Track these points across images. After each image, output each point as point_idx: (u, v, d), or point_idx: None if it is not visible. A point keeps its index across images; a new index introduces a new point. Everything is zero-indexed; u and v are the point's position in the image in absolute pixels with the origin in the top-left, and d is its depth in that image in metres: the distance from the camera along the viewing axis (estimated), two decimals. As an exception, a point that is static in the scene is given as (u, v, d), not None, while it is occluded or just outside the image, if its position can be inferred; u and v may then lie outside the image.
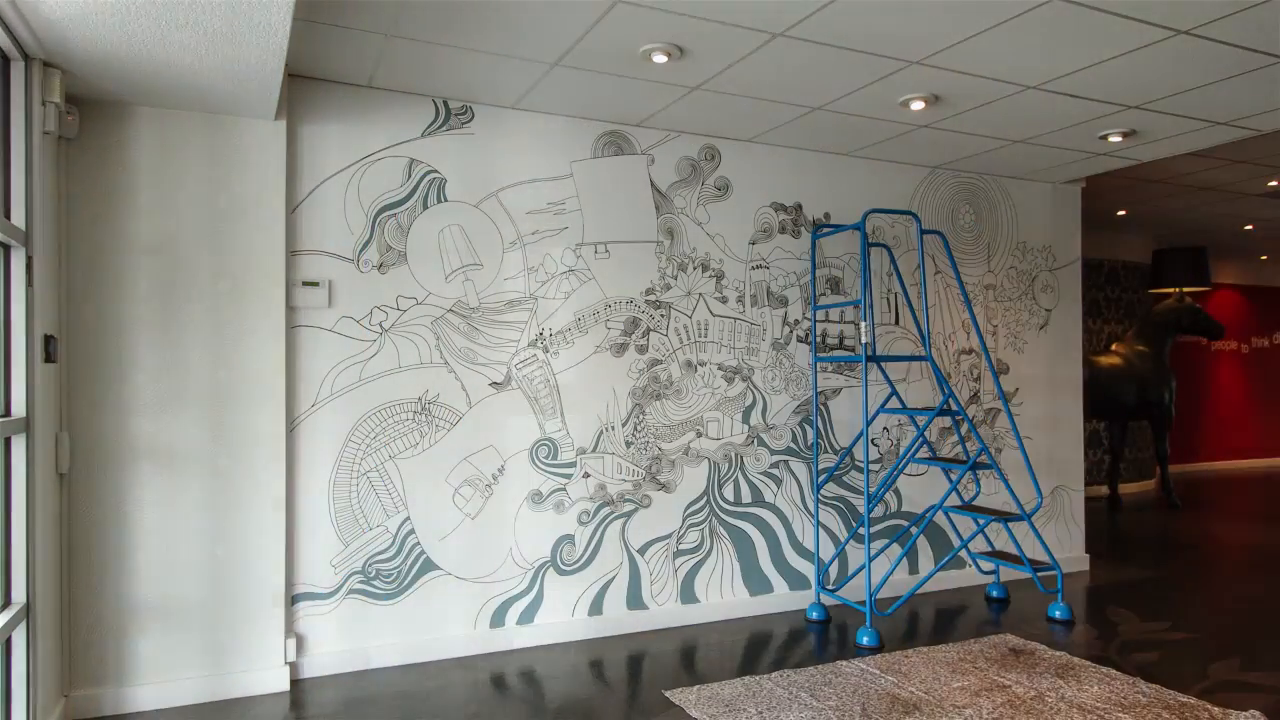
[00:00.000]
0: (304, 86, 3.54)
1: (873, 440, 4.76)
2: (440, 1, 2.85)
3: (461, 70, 3.47)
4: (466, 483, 3.81)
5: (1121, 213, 7.61)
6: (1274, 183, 6.34)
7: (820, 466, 4.59)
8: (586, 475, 4.06)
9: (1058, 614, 4.34)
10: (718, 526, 4.36)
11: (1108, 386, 7.48)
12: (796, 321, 4.58)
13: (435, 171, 3.78)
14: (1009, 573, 5.12)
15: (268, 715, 3.15)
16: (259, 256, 3.39)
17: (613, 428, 4.12)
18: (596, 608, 4.06)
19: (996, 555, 4.62)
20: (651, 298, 4.23)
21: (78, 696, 3.10)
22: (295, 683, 3.44)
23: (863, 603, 4.34)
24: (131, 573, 3.19)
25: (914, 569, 4.85)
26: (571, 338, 4.05)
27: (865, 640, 3.89)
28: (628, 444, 4.15)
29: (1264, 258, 10.34)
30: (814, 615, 4.31)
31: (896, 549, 4.79)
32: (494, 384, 3.87)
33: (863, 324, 4.09)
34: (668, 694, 3.27)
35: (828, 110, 3.97)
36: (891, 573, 4.53)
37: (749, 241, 4.48)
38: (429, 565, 3.73)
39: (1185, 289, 7.82)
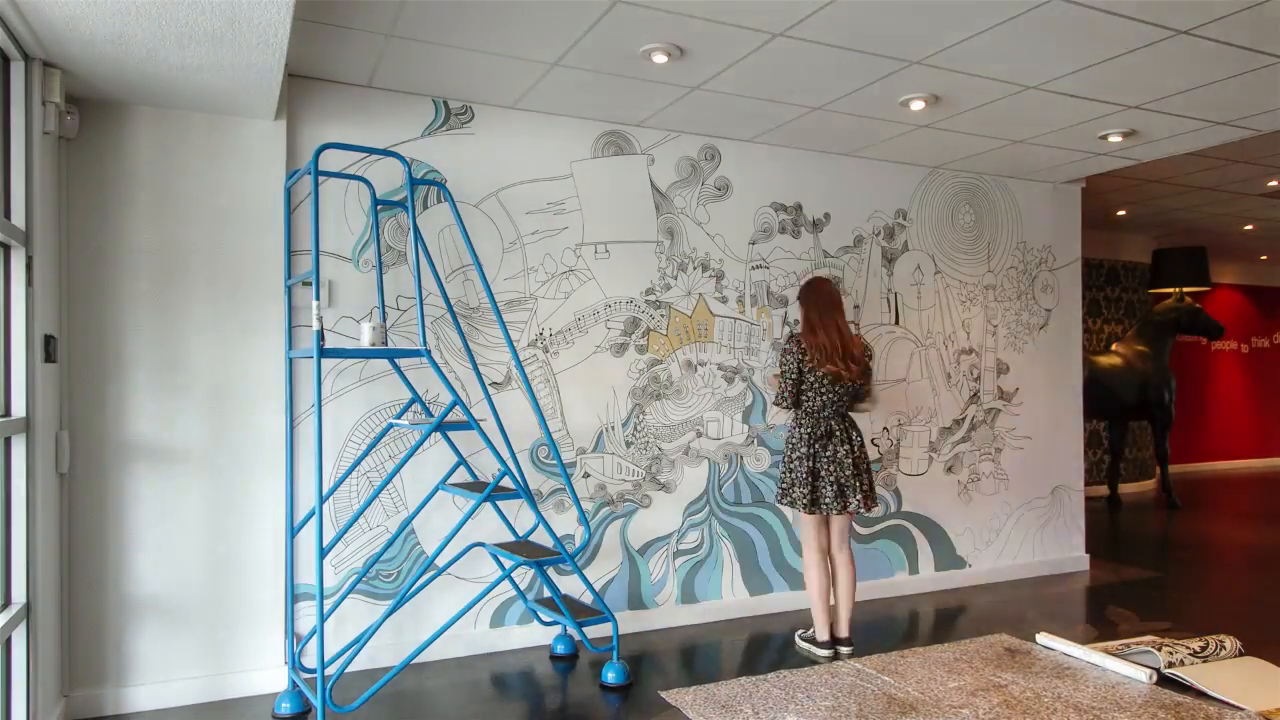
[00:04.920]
0: (304, 86, 3.54)
1: (873, 440, 4.76)
2: (440, 1, 2.85)
3: (461, 70, 3.47)
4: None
5: (1121, 213, 7.61)
6: (1274, 183, 6.33)
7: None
8: (586, 475, 4.06)
9: (610, 676, 3.39)
10: (718, 526, 4.36)
11: (1108, 386, 7.49)
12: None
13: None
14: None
15: (268, 715, 3.15)
16: (259, 256, 3.39)
17: (613, 428, 4.12)
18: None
19: (543, 603, 3.66)
20: (651, 298, 4.22)
21: (78, 696, 3.10)
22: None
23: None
24: (131, 572, 3.19)
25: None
26: (571, 338, 4.05)
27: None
28: (628, 444, 4.15)
29: (1264, 258, 10.34)
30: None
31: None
32: (494, 384, 3.87)
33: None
34: (664, 695, 3.27)
35: (828, 110, 3.97)
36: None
37: (749, 241, 4.47)
38: (429, 565, 3.72)
39: (1185, 289, 7.82)
